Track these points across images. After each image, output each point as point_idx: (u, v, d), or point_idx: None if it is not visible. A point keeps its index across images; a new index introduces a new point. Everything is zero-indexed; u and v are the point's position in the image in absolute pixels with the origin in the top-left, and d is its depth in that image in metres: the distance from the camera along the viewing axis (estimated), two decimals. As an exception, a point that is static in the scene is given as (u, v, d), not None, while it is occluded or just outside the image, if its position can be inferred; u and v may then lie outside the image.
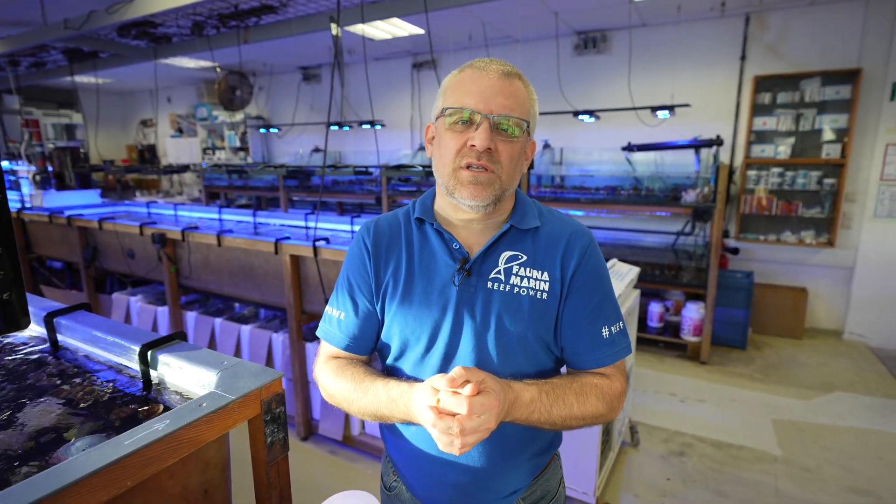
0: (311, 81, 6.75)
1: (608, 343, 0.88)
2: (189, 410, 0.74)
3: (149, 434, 0.67)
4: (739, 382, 3.29)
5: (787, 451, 2.52)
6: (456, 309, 0.85)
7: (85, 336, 1.14)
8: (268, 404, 0.85)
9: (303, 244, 2.33)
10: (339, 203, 5.94)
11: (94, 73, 5.71)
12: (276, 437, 0.87)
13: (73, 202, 4.22)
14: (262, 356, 2.65)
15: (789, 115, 3.97)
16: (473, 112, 0.79)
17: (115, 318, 3.32)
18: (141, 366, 0.98)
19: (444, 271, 0.87)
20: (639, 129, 4.47)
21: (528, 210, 0.92)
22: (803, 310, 4.03)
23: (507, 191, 0.85)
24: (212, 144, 7.63)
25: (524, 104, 0.82)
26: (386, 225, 0.95)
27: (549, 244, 0.89)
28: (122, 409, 0.92)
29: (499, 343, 0.84)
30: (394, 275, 0.90)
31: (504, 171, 0.82)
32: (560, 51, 4.78)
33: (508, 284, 0.85)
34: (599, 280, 0.89)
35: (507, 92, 0.80)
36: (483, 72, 0.81)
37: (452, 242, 0.88)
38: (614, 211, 4.27)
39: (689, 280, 3.80)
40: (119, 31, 4.18)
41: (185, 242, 2.84)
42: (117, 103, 9.13)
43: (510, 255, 0.87)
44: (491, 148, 0.79)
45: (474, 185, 0.81)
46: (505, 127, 0.80)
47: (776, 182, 4.08)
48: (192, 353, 0.96)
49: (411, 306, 0.87)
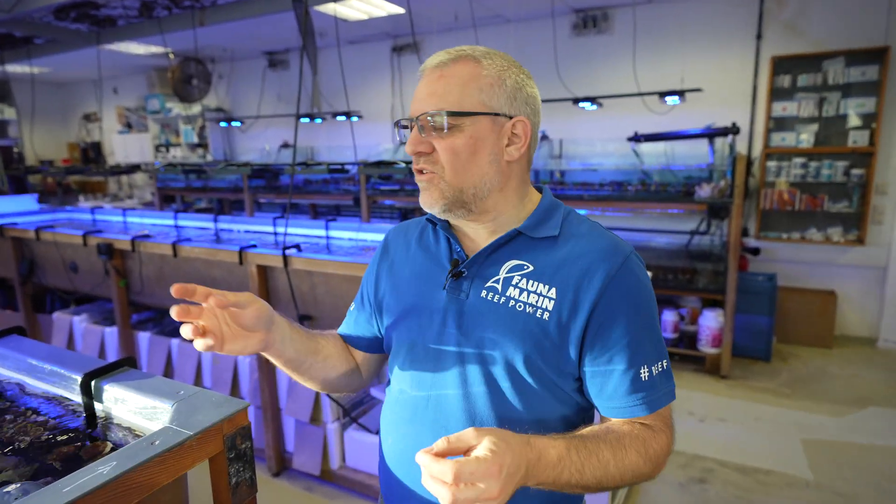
0: (277, 68, 6.73)
1: (647, 386, 0.81)
2: (139, 450, 0.72)
3: (92, 479, 0.65)
4: (764, 398, 3.32)
5: (820, 474, 2.54)
6: (444, 316, 0.88)
7: (19, 365, 1.11)
8: (231, 439, 0.83)
9: (271, 252, 2.31)
10: (312, 205, 5.91)
11: (29, 62, 5.62)
12: (241, 476, 0.85)
13: (7, 209, 4.15)
14: (226, 381, 2.62)
15: (811, 100, 4.04)
16: (409, 119, 0.86)
17: (57, 341, 3.26)
18: (84, 398, 0.96)
19: (440, 274, 0.91)
20: (646, 118, 4.52)
21: (551, 217, 0.89)
22: (832, 315, 4.09)
23: (470, 189, 0.84)
24: (165, 141, 7.55)
25: (458, 89, 0.82)
26: (403, 229, 1.06)
27: (567, 258, 0.84)
28: (62, 450, 0.90)
29: (480, 358, 0.85)
30: (395, 278, 0.98)
31: (447, 169, 0.83)
32: (557, 31, 4.82)
33: (504, 296, 0.84)
34: (637, 309, 0.82)
35: (434, 85, 0.83)
36: (423, 73, 0.87)
37: (454, 245, 0.92)
38: (621, 209, 4.31)
39: (705, 285, 3.84)
40: (56, 14, 4.12)
41: (136, 253, 2.81)
42: (56, 95, 9.00)
43: (514, 265, 0.86)
44: (423, 150, 0.84)
45: (421, 192, 0.87)
46: (430, 126, 0.83)
47: (799, 174, 4.15)
48: (143, 382, 0.94)
49: (404, 312, 0.94)
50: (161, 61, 6.83)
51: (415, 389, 0.91)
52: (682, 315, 3.94)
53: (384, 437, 0.97)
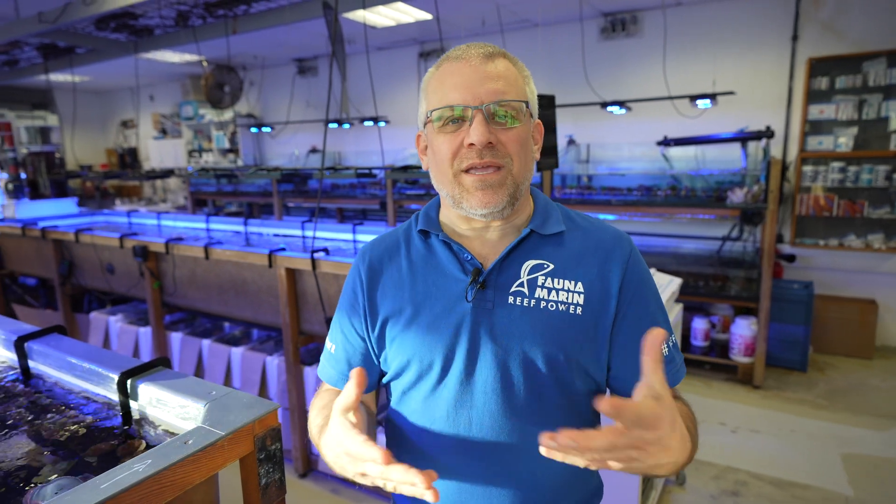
0: (306, 75, 6.83)
1: (668, 360, 0.85)
2: (173, 448, 0.73)
3: (128, 476, 0.66)
4: (800, 410, 3.20)
5: (861, 490, 2.44)
6: (472, 329, 0.82)
7: (59, 363, 1.15)
8: (262, 440, 0.84)
9: (300, 256, 2.33)
10: (339, 209, 5.98)
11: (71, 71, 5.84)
12: (271, 477, 0.86)
13: (49, 212, 4.31)
14: (255, 382, 2.66)
15: (850, 102, 3.91)
16: (462, 107, 0.78)
17: (94, 340, 3.36)
18: (120, 396, 0.98)
19: (455, 287, 0.84)
20: (676, 121, 4.43)
21: (551, 213, 0.90)
22: (873, 325, 3.93)
23: (522, 186, 0.82)
24: (198, 146, 7.74)
25: (517, 83, 0.81)
26: (383, 248, 0.94)
27: (582, 251, 0.86)
28: (99, 446, 0.92)
29: (525, 369, 0.81)
30: (395, 300, 0.88)
31: (515, 163, 0.80)
32: (585, 35, 4.77)
33: (533, 298, 0.82)
34: (649, 289, 0.87)
35: (493, 75, 0.78)
36: (461, 60, 0.80)
37: (463, 253, 0.86)
38: (650, 214, 4.23)
39: (737, 292, 3.74)
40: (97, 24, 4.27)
41: (170, 255, 2.87)
42: (96, 103, 9.33)
43: (534, 265, 0.84)
44: (492, 142, 0.77)
45: (483, 191, 0.79)
46: (502, 115, 0.78)
47: (837, 178, 4.01)
48: (177, 382, 0.96)
49: (419, 331, 0.84)
50: (195, 69, 7.01)
51: (447, 417, 0.83)
52: (713, 323, 3.84)
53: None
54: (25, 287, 4.11)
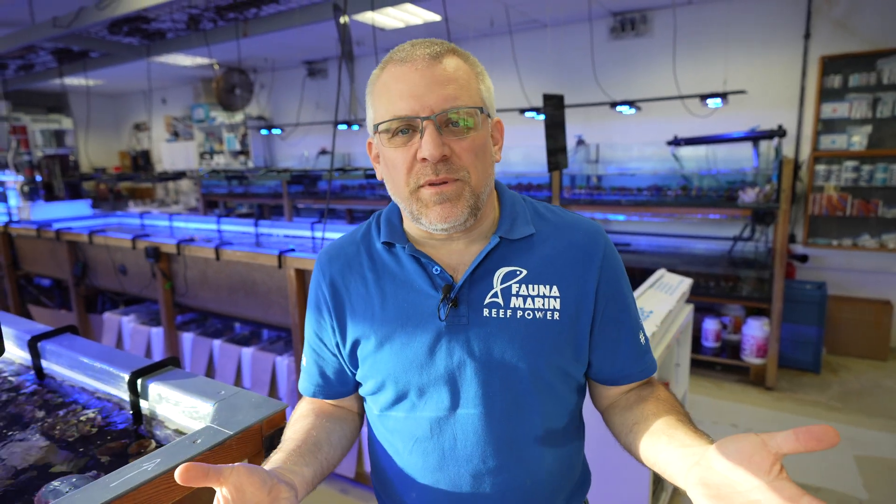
0: (316, 77, 6.86)
1: (646, 350, 0.87)
2: (182, 448, 0.73)
3: (138, 475, 0.67)
4: (814, 412, 3.16)
5: (876, 494, 2.40)
6: (448, 348, 0.78)
7: (71, 362, 1.16)
8: (270, 440, 0.84)
9: (309, 257, 2.34)
10: (348, 210, 5.99)
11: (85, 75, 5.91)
12: (279, 477, 0.86)
13: (63, 214, 4.36)
14: (265, 382, 2.67)
15: (864, 100, 3.85)
16: (411, 118, 0.72)
17: (107, 340, 3.39)
18: (130, 396, 0.99)
19: (426, 304, 0.79)
20: (686, 121, 4.39)
21: (519, 213, 0.84)
22: (888, 326, 3.87)
23: (483, 194, 0.77)
24: (210, 148, 7.80)
25: (469, 85, 0.74)
26: (343, 261, 0.87)
27: (554, 253, 0.82)
28: (109, 445, 0.93)
29: (507, 381, 0.78)
30: (364, 317, 0.82)
31: (472, 175, 0.74)
32: (594, 35, 4.75)
33: (509, 308, 0.78)
34: (624, 281, 0.86)
35: (443, 79, 0.71)
36: (406, 63, 0.73)
37: (432, 267, 0.80)
38: (660, 214, 4.20)
39: (749, 293, 3.69)
40: (110, 29, 4.33)
41: (181, 256, 2.89)
42: (109, 107, 9.44)
43: (507, 272, 0.80)
44: (446, 154, 0.72)
45: (441, 205, 0.73)
46: (455, 121, 0.72)
47: (850, 178, 3.95)
48: (187, 382, 0.96)
49: (392, 353, 0.80)
50: (206, 72, 7.07)
51: (432, 435, 0.80)
52: (724, 324, 3.80)
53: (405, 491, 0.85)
54: (40, 288, 4.16)
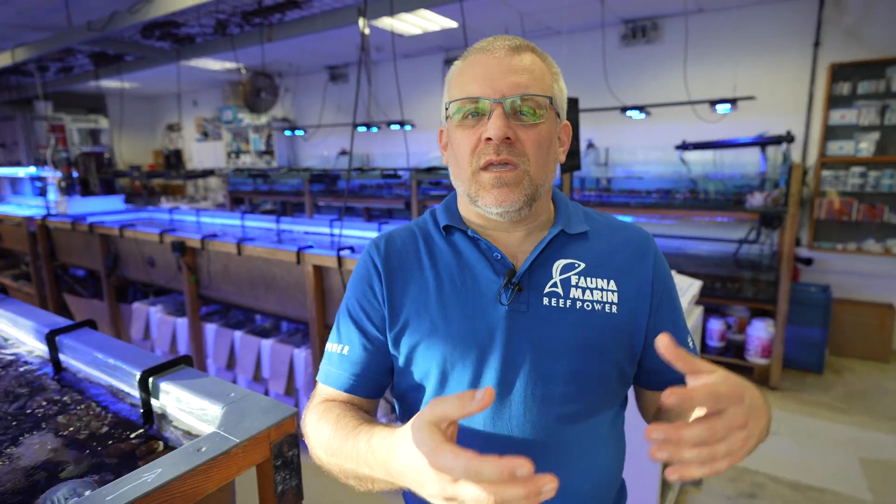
0: (338, 81, 6.81)
1: (694, 353, 0.79)
2: (185, 457, 0.66)
3: (135, 487, 0.60)
4: (818, 412, 3.03)
5: (881, 496, 2.28)
6: (507, 334, 0.73)
7: (87, 357, 1.10)
8: (278, 447, 0.77)
9: (326, 253, 2.27)
10: (366, 209, 5.93)
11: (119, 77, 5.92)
12: (288, 484, 0.79)
13: (98, 209, 4.35)
14: (283, 373, 2.61)
15: (872, 108, 3.69)
16: (481, 99, 0.70)
17: (136, 328, 3.37)
18: (141, 394, 0.92)
19: (487, 288, 0.75)
20: (695, 126, 4.26)
21: (573, 212, 0.83)
22: (890, 329, 3.71)
23: (542, 187, 0.74)
24: (237, 148, 7.80)
25: (543, 79, 0.72)
26: (399, 241, 0.83)
27: (610, 249, 0.79)
28: (118, 446, 0.87)
29: (566, 372, 0.73)
30: (417, 300, 0.77)
31: (532, 163, 0.71)
32: (606, 42, 4.62)
33: (569, 299, 0.74)
34: (672, 284, 0.82)
35: (518, 68, 0.70)
36: (486, 52, 0.72)
37: (493, 252, 0.77)
38: (668, 216, 4.07)
39: (754, 294, 3.56)
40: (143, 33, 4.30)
41: (205, 251, 2.85)
42: (144, 108, 9.49)
43: (565, 264, 0.77)
44: (510, 138, 0.69)
45: (499, 188, 0.70)
46: (523, 110, 0.70)
47: (857, 183, 3.79)
48: (197, 382, 0.89)
49: (448, 336, 0.74)
50: (234, 76, 7.05)
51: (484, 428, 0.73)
52: (728, 324, 3.67)
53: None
54: (75, 278, 4.16)
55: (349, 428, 0.67)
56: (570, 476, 0.74)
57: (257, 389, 2.78)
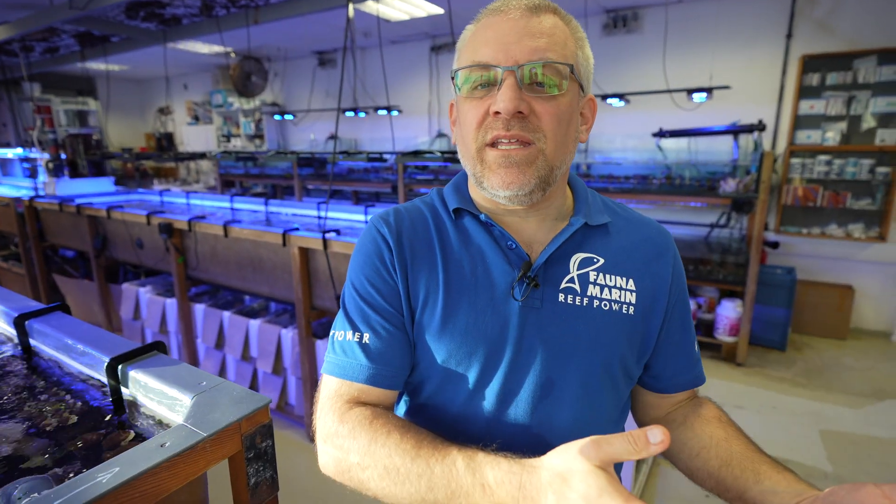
0: (326, 66, 6.60)
1: (699, 359, 0.77)
2: (146, 453, 0.59)
3: (88, 489, 0.53)
4: (780, 387, 3.06)
5: (840, 466, 2.31)
6: (520, 331, 0.64)
7: (57, 343, 1.01)
8: (251, 439, 0.70)
9: (312, 236, 2.19)
10: (354, 192, 5.81)
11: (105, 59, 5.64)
12: (261, 476, 0.72)
13: (87, 190, 4.17)
14: (270, 352, 2.54)
15: (840, 98, 3.67)
16: (491, 67, 0.58)
17: (125, 309, 3.25)
18: (110, 382, 0.84)
19: (500, 280, 0.65)
20: (672, 114, 4.20)
21: (592, 201, 0.72)
22: (849, 309, 3.76)
23: (559, 169, 0.63)
24: (227, 132, 7.56)
25: (565, 44, 0.60)
26: (409, 218, 0.71)
27: (630, 245, 0.70)
28: (87, 436, 0.79)
29: (577, 373, 0.65)
30: (427, 284, 0.66)
31: (549, 140, 0.60)
32: (588, 30, 4.50)
33: (586, 297, 0.66)
34: (686, 286, 0.76)
35: (536, 31, 0.58)
36: (500, 13, 0.60)
37: (507, 240, 0.67)
38: (644, 202, 4.04)
39: (724, 276, 3.56)
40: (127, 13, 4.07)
41: (192, 233, 2.74)
42: (134, 91, 9.13)
43: (583, 258, 0.67)
44: (523, 112, 0.58)
45: (507, 168, 0.60)
46: (540, 79, 0.58)
47: (822, 171, 3.79)
48: (168, 370, 0.82)
49: (457, 328, 0.64)
50: (224, 60, 6.79)
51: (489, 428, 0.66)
52: (699, 304, 3.68)
53: None
54: (65, 258, 4.00)
55: (427, 449, 0.55)
56: None
57: (246, 368, 2.70)
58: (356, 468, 0.60)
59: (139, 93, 9.21)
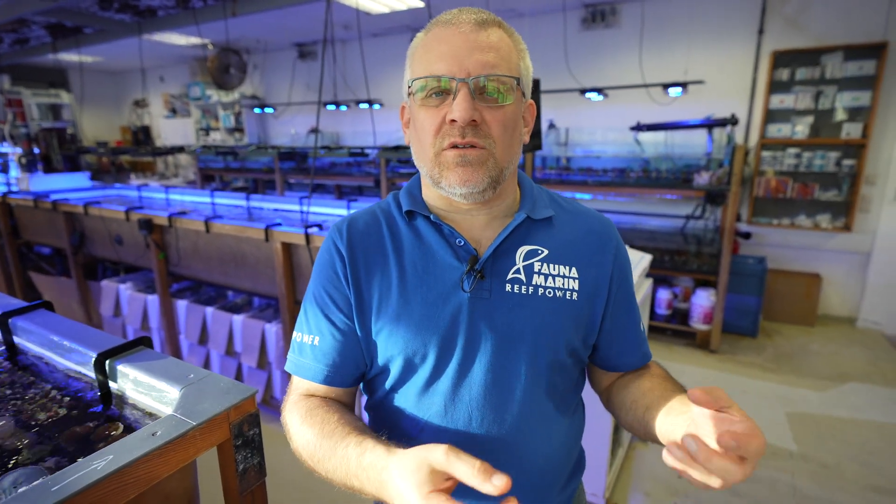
0: (306, 59, 6.53)
1: (644, 339, 0.82)
2: (138, 442, 0.62)
3: (84, 476, 0.55)
4: (751, 372, 3.19)
5: (804, 446, 2.43)
6: (469, 320, 0.70)
7: (42, 340, 1.02)
8: (238, 427, 0.73)
9: (294, 231, 2.20)
10: (337, 186, 5.79)
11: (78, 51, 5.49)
12: (249, 462, 0.76)
13: (62, 186, 4.09)
14: (255, 347, 2.55)
15: (808, 93, 3.79)
16: (447, 78, 0.64)
17: (105, 306, 3.22)
18: (98, 376, 0.87)
19: (449, 275, 0.71)
20: (649, 108, 4.29)
21: (539, 197, 0.79)
22: (816, 296, 3.91)
23: (507, 169, 0.69)
24: (206, 125, 7.44)
25: (510, 57, 0.67)
26: (362, 224, 0.77)
27: (574, 237, 0.76)
28: (75, 429, 0.81)
29: (525, 357, 0.71)
30: (381, 285, 0.73)
31: (497, 144, 0.66)
32: (567, 25, 4.56)
33: (531, 286, 0.72)
34: (630, 274, 0.81)
35: (485, 45, 0.64)
36: (451, 26, 0.65)
37: (455, 238, 0.72)
38: (623, 194, 4.12)
39: (698, 266, 3.68)
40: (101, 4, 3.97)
41: (173, 228, 2.72)
42: (108, 83, 8.89)
43: (528, 250, 0.73)
44: (476, 120, 0.64)
45: (463, 167, 0.66)
46: (490, 90, 0.64)
47: (792, 163, 3.92)
48: (155, 364, 0.84)
49: (410, 323, 0.70)
50: (201, 52, 6.66)
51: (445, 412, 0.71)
52: (675, 293, 3.79)
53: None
54: (41, 255, 3.93)
55: (337, 436, 0.64)
56: (525, 452, 0.73)
57: (230, 363, 2.71)
58: (297, 451, 0.71)
59: (114, 85, 8.98)
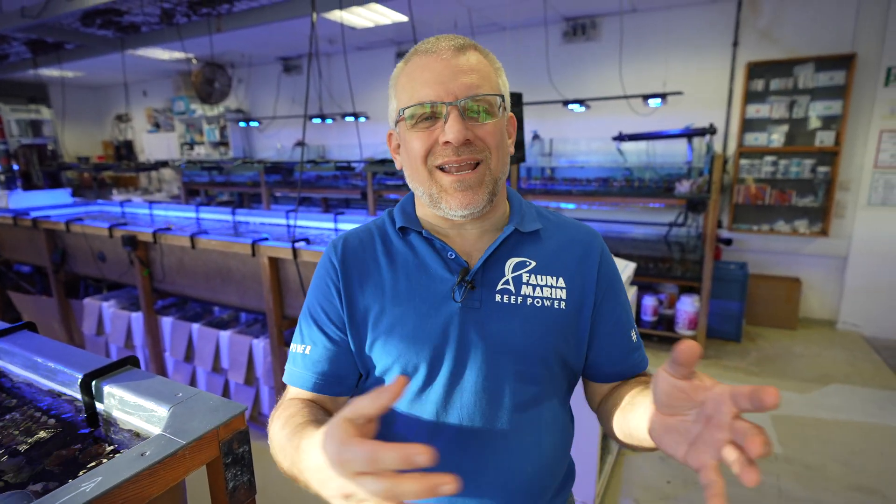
0: (291, 73, 6.55)
1: (637, 347, 0.82)
2: (127, 462, 0.62)
3: (72, 499, 0.55)
4: (735, 377, 3.24)
5: (788, 448, 2.47)
6: (460, 330, 0.72)
7: (26, 362, 1.01)
8: (228, 445, 0.73)
9: (281, 245, 2.20)
10: (323, 199, 5.79)
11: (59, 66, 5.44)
12: (239, 480, 0.76)
13: (42, 202, 4.03)
14: (242, 363, 2.53)
15: (783, 103, 3.91)
16: (436, 104, 0.68)
17: (88, 324, 3.17)
18: (84, 398, 0.86)
19: (441, 286, 0.74)
20: (630, 119, 4.38)
21: (526, 210, 0.82)
22: (797, 300, 4.00)
23: (500, 181, 0.74)
24: (190, 139, 7.40)
25: (490, 77, 0.71)
26: (357, 241, 0.81)
27: (559, 247, 0.79)
28: (61, 452, 0.81)
29: (516, 365, 0.73)
30: (375, 298, 0.76)
31: (493, 157, 0.70)
32: (549, 38, 4.65)
33: (520, 296, 0.74)
34: (619, 281, 0.82)
35: (466, 68, 0.68)
36: (431, 54, 0.70)
37: (447, 251, 0.75)
38: (606, 203, 4.19)
39: (682, 273, 3.74)
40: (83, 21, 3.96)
41: (158, 245, 2.70)
42: (90, 98, 8.81)
43: (517, 262, 0.76)
44: (469, 139, 0.68)
45: (463, 192, 0.70)
46: (476, 109, 0.69)
47: (769, 171, 4.02)
48: (143, 384, 0.84)
49: (404, 333, 0.73)
50: (185, 66, 6.64)
51: (438, 420, 0.73)
52: (660, 300, 3.85)
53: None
54: (21, 274, 3.85)
55: (293, 427, 0.65)
56: (514, 459, 0.74)
57: (217, 380, 2.68)
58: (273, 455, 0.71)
59: (95, 100, 8.89)
